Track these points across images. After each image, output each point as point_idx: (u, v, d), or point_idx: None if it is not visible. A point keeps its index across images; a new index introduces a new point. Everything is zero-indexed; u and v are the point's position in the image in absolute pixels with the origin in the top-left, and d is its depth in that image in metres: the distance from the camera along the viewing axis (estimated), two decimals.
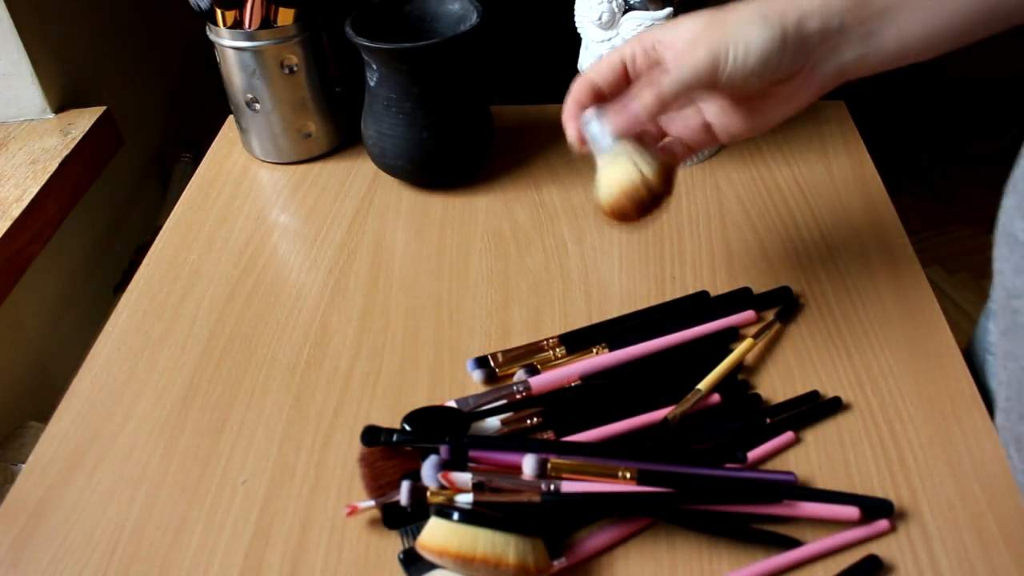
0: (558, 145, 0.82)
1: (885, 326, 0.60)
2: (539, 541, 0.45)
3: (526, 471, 0.48)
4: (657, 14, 0.68)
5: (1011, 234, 0.38)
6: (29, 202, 0.78)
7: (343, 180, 0.79)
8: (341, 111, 0.82)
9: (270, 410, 0.57)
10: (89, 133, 0.88)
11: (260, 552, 0.48)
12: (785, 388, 0.56)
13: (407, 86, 0.70)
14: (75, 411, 0.58)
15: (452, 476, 0.48)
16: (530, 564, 0.44)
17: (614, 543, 0.48)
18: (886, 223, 0.69)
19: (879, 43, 0.44)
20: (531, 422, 0.53)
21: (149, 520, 0.51)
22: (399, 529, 0.49)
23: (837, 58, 0.44)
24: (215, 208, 0.77)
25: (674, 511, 0.48)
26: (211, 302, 0.66)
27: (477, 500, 0.47)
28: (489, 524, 0.44)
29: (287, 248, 0.72)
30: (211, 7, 0.73)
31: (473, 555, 0.43)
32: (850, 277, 0.64)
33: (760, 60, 0.44)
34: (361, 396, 0.57)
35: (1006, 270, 0.39)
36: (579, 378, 0.57)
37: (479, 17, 0.70)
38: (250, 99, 0.78)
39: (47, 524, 0.51)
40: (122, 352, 0.62)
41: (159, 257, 0.71)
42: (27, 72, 0.87)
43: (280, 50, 0.75)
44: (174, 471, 0.53)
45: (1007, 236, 0.39)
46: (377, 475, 0.50)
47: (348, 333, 0.63)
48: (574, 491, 0.48)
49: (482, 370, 0.58)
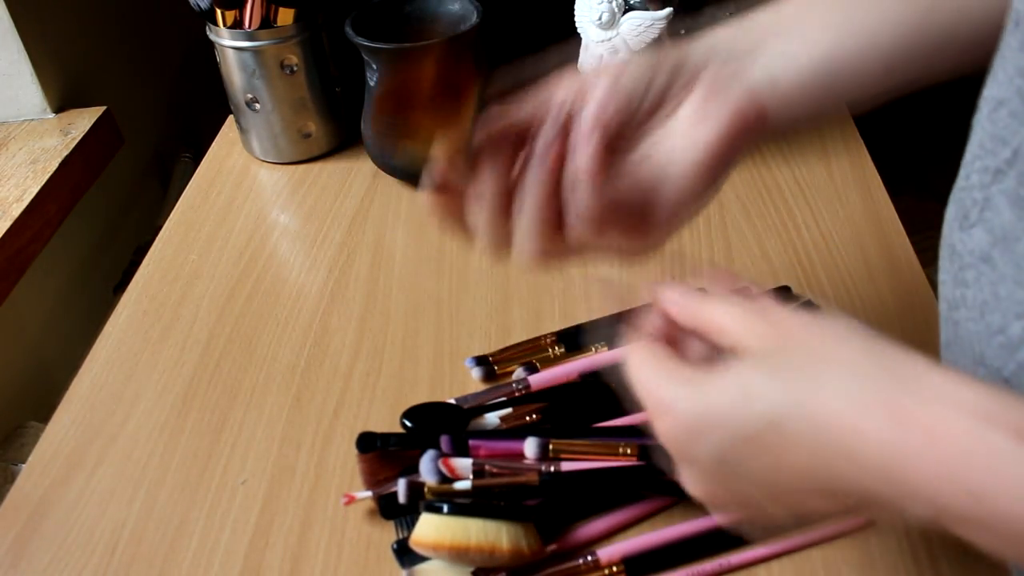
0: None
1: (885, 326, 0.59)
2: (531, 526, 0.45)
3: (528, 453, 0.49)
4: (657, 14, 0.68)
5: (950, 245, 0.38)
6: (29, 202, 0.78)
7: (343, 180, 0.79)
8: (341, 111, 0.82)
9: (270, 410, 0.57)
10: (89, 133, 0.88)
11: (260, 552, 0.48)
12: None
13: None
14: (75, 411, 0.58)
15: (452, 462, 0.48)
16: (524, 548, 0.44)
17: (610, 531, 0.48)
18: (886, 223, 0.69)
19: (790, 59, 0.40)
20: (530, 419, 0.54)
21: (149, 520, 0.51)
22: (394, 520, 0.49)
23: (742, 79, 0.40)
24: (215, 208, 0.77)
25: (675, 484, 0.48)
26: (211, 302, 0.66)
27: (476, 485, 0.47)
28: (480, 513, 0.44)
29: (287, 248, 0.72)
30: (211, 7, 0.73)
31: (467, 545, 0.43)
32: (850, 277, 0.64)
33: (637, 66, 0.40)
34: (361, 396, 0.57)
35: (947, 281, 0.39)
36: (578, 376, 0.57)
37: (479, 17, 0.70)
38: (250, 99, 0.78)
39: (47, 524, 0.51)
40: (122, 352, 0.62)
41: (159, 257, 0.71)
42: (27, 72, 0.87)
43: (280, 50, 0.75)
44: (174, 471, 0.53)
45: (947, 247, 0.38)
46: (375, 471, 0.50)
47: (348, 333, 0.63)
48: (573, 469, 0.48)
49: (481, 368, 0.58)
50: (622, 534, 0.48)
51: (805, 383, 0.31)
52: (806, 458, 0.30)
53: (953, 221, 0.38)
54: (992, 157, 0.34)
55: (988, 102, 0.35)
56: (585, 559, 0.46)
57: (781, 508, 0.32)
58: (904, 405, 0.28)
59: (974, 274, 0.36)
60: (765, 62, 0.40)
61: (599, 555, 0.46)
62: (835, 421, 0.29)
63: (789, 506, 0.32)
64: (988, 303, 0.35)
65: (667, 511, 0.49)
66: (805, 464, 0.30)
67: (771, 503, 0.32)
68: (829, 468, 0.29)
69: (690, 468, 0.34)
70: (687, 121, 0.39)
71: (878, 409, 0.28)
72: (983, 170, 0.35)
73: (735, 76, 0.40)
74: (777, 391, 0.31)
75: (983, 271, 0.35)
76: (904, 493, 0.28)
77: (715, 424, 0.32)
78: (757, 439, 0.31)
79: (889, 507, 0.29)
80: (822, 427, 0.29)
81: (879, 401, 0.29)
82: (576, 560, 0.46)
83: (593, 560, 0.46)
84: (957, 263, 0.37)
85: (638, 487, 0.49)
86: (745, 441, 0.31)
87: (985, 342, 0.35)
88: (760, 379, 0.31)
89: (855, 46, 0.40)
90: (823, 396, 0.30)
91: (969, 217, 0.36)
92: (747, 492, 0.33)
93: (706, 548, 0.47)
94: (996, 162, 0.34)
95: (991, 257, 0.34)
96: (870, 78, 0.41)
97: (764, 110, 0.39)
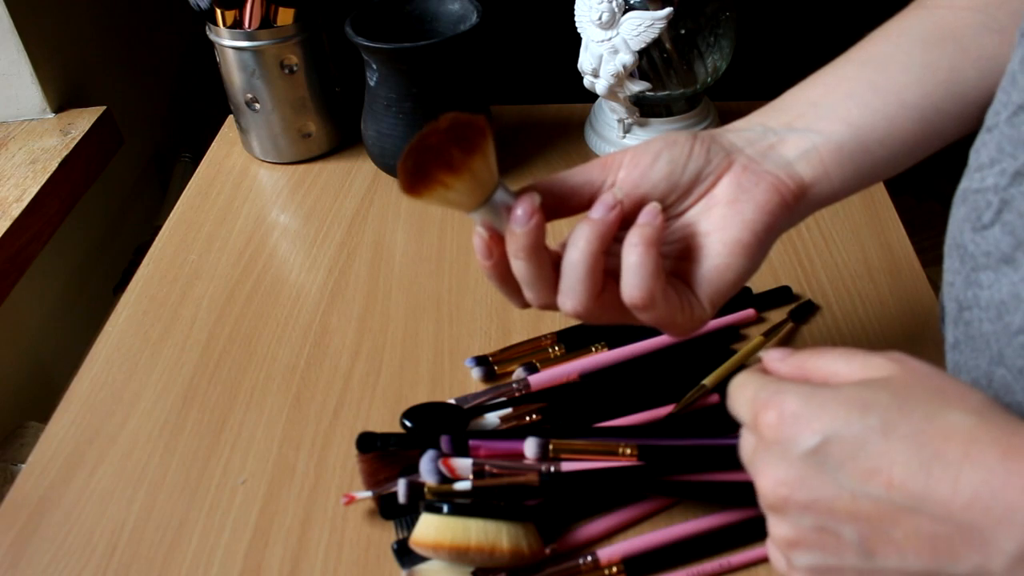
0: (558, 145, 0.82)
1: (885, 326, 0.60)
2: (531, 526, 0.46)
3: (528, 454, 0.49)
4: (657, 14, 0.68)
5: (961, 245, 0.38)
6: (29, 202, 0.78)
7: (343, 180, 0.79)
8: (341, 111, 0.82)
9: (270, 410, 0.57)
10: (89, 133, 0.88)
11: (260, 552, 0.48)
12: None
13: (407, 86, 0.70)
14: (75, 411, 0.58)
15: (452, 462, 0.48)
16: (524, 548, 0.44)
17: (609, 531, 0.48)
18: (886, 223, 0.69)
19: (822, 135, 0.40)
20: (530, 419, 0.54)
21: (149, 520, 0.51)
22: (394, 520, 0.49)
23: (776, 157, 0.41)
24: (215, 208, 0.77)
25: (675, 484, 0.48)
26: (211, 302, 0.66)
27: (476, 485, 0.48)
28: (480, 513, 0.44)
29: (287, 248, 0.72)
30: (211, 7, 0.73)
31: (467, 545, 0.43)
32: (850, 277, 0.64)
33: (667, 155, 0.40)
34: (361, 396, 0.57)
35: (957, 282, 0.39)
36: (578, 376, 0.57)
37: (479, 17, 0.70)
38: (250, 99, 0.78)
39: (47, 524, 0.51)
40: (122, 352, 0.62)
41: (159, 257, 0.71)
42: (27, 72, 0.87)
43: (280, 50, 0.75)
44: (174, 471, 0.53)
45: (957, 248, 0.38)
46: (375, 471, 0.50)
47: (348, 333, 0.63)
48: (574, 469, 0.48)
49: (481, 368, 0.58)
50: (622, 534, 0.48)
51: (924, 409, 0.30)
52: (903, 472, 0.29)
53: (964, 222, 0.38)
54: (1012, 160, 0.34)
55: (1008, 107, 0.35)
56: (585, 559, 0.46)
57: (855, 530, 0.30)
58: (1015, 444, 0.28)
59: (990, 276, 0.36)
60: (797, 140, 0.41)
61: (599, 555, 0.46)
62: (944, 445, 0.29)
63: (866, 529, 0.30)
64: (1007, 304, 0.35)
65: (667, 511, 0.49)
66: (900, 478, 0.29)
67: (848, 520, 0.30)
68: (925, 487, 0.29)
69: (778, 460, 0.32)
70: (725, 199, 0.40)
71: (991, 445, 0.28)
72: (1001, 173, 0.35)
73: (769, 154, 0.41)
74: (894, 410, 0.30)
75: (1003, 272, 0.35)
76: (999, 520, 0.27)
77: (823, 416, 0.31)
78: (861, 442, 0.30)
79: (971, 541, 0.28)
80: (930, 448, 0.29)
81: (993, 438, 0.28)
82: (576, 560, 0.46)
83: (593, 560, 0.46)
84: (969, 264, 0.37)
85: (638, 487, 0.49)
86: (847, 441, 0.30)
87: (1004, 342, 0.35)
88: (881, 396, 0.31)
89: (884, 118, 0.41)
90: (939, 423, 0.29)
91: (983, 218, 0.36)
92: (828, 499, 0.30)
93: (706, 548, 0.47)
94: (1016, 165, 0.34)
95: (1013, 258, 0.34)
96: (902, 144, 0.42)
97: (801, 186, 0.40)
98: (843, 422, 0.30)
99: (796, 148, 0.41)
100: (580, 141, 0.82)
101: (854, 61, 0.44)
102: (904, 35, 0.43)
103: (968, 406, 0.30)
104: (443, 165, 0.36)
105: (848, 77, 0.43)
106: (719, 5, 0.72)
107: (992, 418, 0.29)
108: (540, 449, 0.49)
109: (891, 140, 0.41)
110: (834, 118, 0.41)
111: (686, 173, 0.40)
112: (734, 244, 0.39)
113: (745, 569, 0.46)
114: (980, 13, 0.42)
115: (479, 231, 0.40)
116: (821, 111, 0.41)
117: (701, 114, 0.78)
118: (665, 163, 0.40)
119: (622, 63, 0.70)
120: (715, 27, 0.72)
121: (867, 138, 0.41)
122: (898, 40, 0.43)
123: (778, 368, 0.37)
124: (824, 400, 0.31)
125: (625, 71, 0.71)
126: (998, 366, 0.36)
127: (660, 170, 0.40)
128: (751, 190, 0.40)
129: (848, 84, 0.42)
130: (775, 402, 0.32)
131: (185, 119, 1.24)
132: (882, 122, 0.41)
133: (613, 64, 0.71)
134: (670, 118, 0.77)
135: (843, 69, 0.44)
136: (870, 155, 0.41)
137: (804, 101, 0.43)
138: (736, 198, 0.40)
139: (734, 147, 0.41)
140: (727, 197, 0.40)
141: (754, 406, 0.33)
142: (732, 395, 0.36)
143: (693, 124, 0.78)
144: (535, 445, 0.49)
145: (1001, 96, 0.36)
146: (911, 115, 0.41)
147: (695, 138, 0.41)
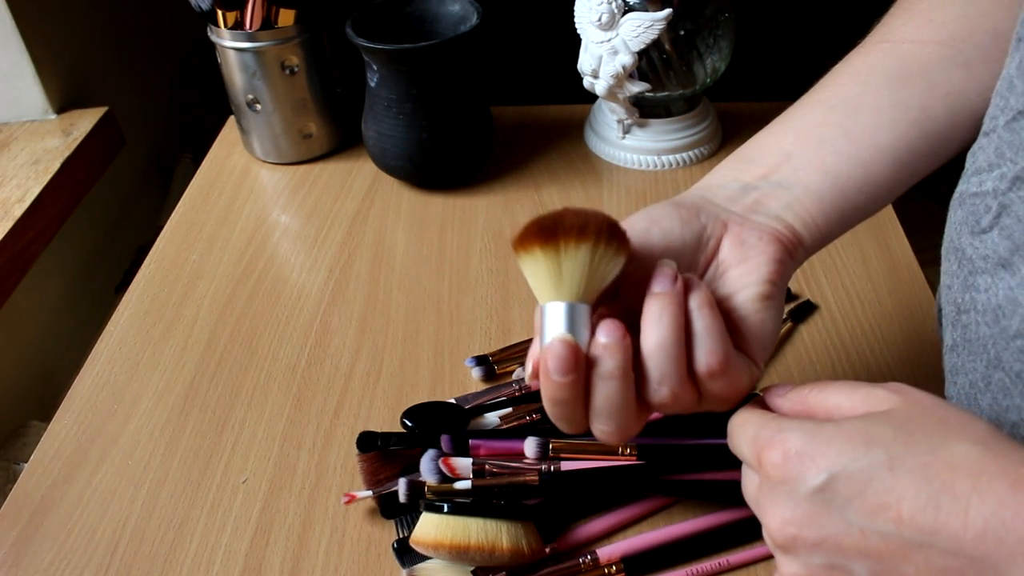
0: (558, 145, 0.82)
1: (883, 326, 0.60)
2: (531, 525, 0.46)
3: (528, 453, 0.49)
4: (657, 15, 0.68)
5: (959, 249, 0.38)
6: (31, 202, 0.78)
7: (343, 181, 0.79)
8: (342, 112, 0.83)
9: (271, 410, 0.57)
10: (91, 134, 0.88)
11: (261, 551, 0.49)
12: None
13: (407, 87, 0.70)
14: (77, 410, 0.58)
15: (452, 461, 0.48)
16: (523, 547, 0.44)
17: (609, 530, 0.48)
18: (886, 223, 0.69)
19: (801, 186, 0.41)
20: (530, 419, 0.54)
21: (151, 519, 0.51)
22: (395, 519, 0.49)
23: (765, 211, 0.40)
24: (216, 208, 0.77)
25: (674, 483, 0.48)
26: (212, 302, 0.66)
27: (476, 485, 0.48)
28: (480, 513, 0.44)
29: (288, 248, 0.72)
30: (212, 8, 0.74)
31: (467, 544, 0.44)
32: (850, 277, 0.64)
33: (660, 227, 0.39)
34: (361, 396, 0.58)
35: (954, 285, 0.39)
36: None
37: (479, 18, 0.71)
38: (251, 100, 0.78)
39: (49, 523, 0.51)
40: (123, 352, 0.62)
41: (160, 257, 0.72)
42: (29, 73, 0.87)
43: (281, 51, 0.75)
44: (175, 470, 0.54)
45: (955, 251, 0.38)
46: (376, 470, 0.51)
47: (348, 333, 0.63)
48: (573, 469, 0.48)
49: (481, 368, 0.58)
50: (622, 533, 0.48)
51: (929, 441, 0.30)
52: (912, 506, 0.29)
53: (961, 226, 0.38)
54: (1011, 165, 0.34)
55: (1006, 112, 0.35)
56: (585, 558, 0.46)
57: (866, 566, 0.30)
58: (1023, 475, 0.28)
59: (988, 280, 0.36)
60: (778, 193, 0.41)
61: (599, 554, 0.46)
62: (952, 477, 0.29)
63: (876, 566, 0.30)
64: (1004, 308, 0.35)
65: (667, 511, 0.49)
66: (909, 513, 0.29)
67: (858, 556, 0.30)
68: (935, 521, 0.28)
69: (784, 500, 0.31)
70: (735, 260, 0.40)
71: (999, 476, 0.28)
72: (1000, 177, 0.35)
73: (758, 209, 0.41)
74: (899, 444, 0.30)
75: (1000, 276, 0.35)
76: (1012, 552, 0.27)
77: (828, 453, 0.31)
78: (867, 477, 0.30)
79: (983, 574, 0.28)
80: (938, 481, 0.29)
81: (1000, 469, 0.28)
82: (576, 559, 0.46)
83: (593, 559, 0.46)
84: (967, 267, 0.37)
85: (637, 486, 0.49)
86: (854, 477, 0.30)
87: (1002, 346, 0.35)
88: (885, 430, 0.31)
89: (860, 163, 0.41)
90: (944, 455, 0.29)
91: (981, 223, 0.36)
92: (837, 537, 0.30)
93: (705, 547, 0.47)
94: (1016, 169, 0.34)
95: (1011, 263, 0.34)
96: (879, 188, 0.42)
97: (796, 234, 0.40)
98: (848, 458, 0.30)
99: (779, 201, 0.41)
100: (580, 142, 0.82)
101: (823, 104, 0.43)
102: (872, 74, 0.43)
103: (972, 436, 0.30)
104: (598, 231, 0.36)
105: (819, 122, 0.42)
106: (718, 6, 0.72)
107: (997, 448, 0.29)
108: (540, 448, 0.49)
109: (868, 185, 0.41)
110: (810, 169, 0.41)
111: (685, 242, 0.39)
112: (761, 299, 0.38)
113: (744, 568, 0.46)
114: (946, 47, 0.42)
115: (566, 338, 0.35)
116: (796, 162, 0.41)
117: (700, 115, 0.79)
118: (658, 238, 0.39)
119: (622, 64, 0.70)
120: (714, 28, 0.72)
121: (845, 185, 0.41)
122: (866, 79, 0.43)
123: (780, 405, 0.37)
124: (828, 437, 0.31)
125: (625, 72, 0.71)
126: (996, 369, 0.36)
127: (657, 244, 0.39)
128: (756, 244, 0.39)
129: (819, 130, 0.42)
130: (778, 440, 0.32)
131: (186, 120, 1.25)
132: (858, 169, 0.41)
133: (613, 65, 0.71)
134: (669, 119, 0.77)
135: (812, 113, 0.43)
136: (850, 201, 0.41)
137: (777, 151, 0.42)
138: (745, 256, 0.39)
139: (721, 207, 0.41)
140: (736, 257, 0.39)
141: (756, 445, 0.33)
142: (733, 434, 0.36)
143: (692, 124, 0.78)
144: (535, 444, 0.49)
145: (998, 101, 0.36)
146: (886, 158, 0.41)
147: (676, 207, 0.40)
